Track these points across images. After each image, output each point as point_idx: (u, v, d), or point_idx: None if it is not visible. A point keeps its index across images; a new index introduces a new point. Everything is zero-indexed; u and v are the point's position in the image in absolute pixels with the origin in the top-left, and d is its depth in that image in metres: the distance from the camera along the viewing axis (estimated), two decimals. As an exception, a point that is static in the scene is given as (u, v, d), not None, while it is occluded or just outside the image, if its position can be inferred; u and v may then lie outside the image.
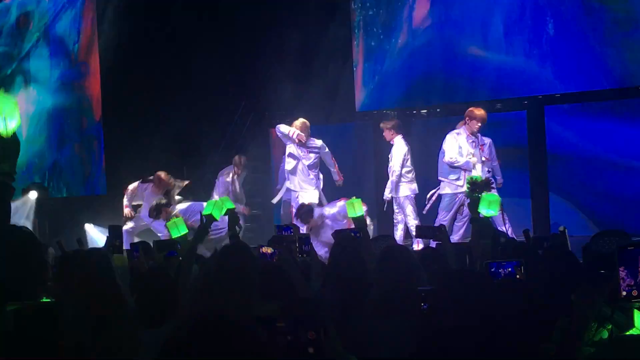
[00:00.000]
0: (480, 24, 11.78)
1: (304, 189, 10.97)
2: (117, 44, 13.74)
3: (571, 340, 3.06)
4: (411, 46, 12.41)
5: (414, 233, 10.37)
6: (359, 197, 6.24)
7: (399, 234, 10.64)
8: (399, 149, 10.77)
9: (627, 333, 3.28)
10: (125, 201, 11.47)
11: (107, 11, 14.13)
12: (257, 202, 12.68)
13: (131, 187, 11.55)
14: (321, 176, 11.19)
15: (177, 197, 11.31)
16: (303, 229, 10.62)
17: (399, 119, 11.53)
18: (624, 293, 3.35)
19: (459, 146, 10.15)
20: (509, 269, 4.04)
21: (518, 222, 9.83)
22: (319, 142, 11.10)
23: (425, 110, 12.67)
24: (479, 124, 10.12)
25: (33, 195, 13.17)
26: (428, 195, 10.52)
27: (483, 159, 10.22)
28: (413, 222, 10.44)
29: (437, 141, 10.54)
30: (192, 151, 13.08)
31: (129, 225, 11.20)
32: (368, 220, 8.70)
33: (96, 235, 12.57)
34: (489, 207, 5.02)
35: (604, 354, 2.10)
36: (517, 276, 4.00)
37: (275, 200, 11.80)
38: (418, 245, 9.77)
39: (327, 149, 11.15)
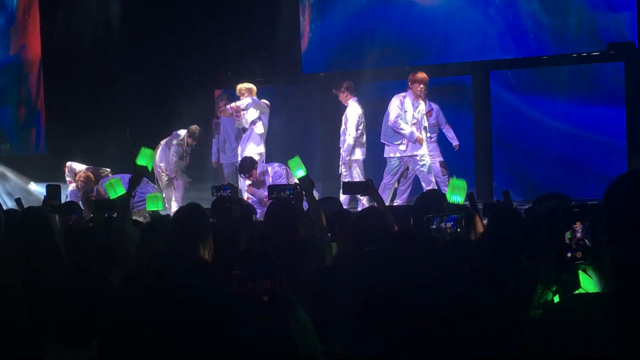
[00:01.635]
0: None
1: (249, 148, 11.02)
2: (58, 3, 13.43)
3: (521, 302, 3.08)
4: (357, 6, 12.36)
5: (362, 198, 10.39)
6: (305, 160, 6.13)
7: (343, 196, 10.61)
8: (354, 111, 10.72)
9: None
10: (68, 178, 11.22)
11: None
12: (201, 163, 12.54)
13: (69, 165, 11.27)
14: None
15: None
16: (245, 182, 10.60)
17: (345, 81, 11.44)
18: (569, 255, 3.39)
19: (404, 110, 10.15)
20: (450, 224, 4.06)
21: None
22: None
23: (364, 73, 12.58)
24: (422, 86, 10.15)
25: None
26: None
27: (425, 124, 10.26)
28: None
29: (383, 105, 10.50)
30: (136, 113, 12.86)
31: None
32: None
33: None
34: (459, 193, 4.98)
35: (553, 314, 2.10)
36: (458, 230, 4.02)
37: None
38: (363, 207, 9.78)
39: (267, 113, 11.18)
